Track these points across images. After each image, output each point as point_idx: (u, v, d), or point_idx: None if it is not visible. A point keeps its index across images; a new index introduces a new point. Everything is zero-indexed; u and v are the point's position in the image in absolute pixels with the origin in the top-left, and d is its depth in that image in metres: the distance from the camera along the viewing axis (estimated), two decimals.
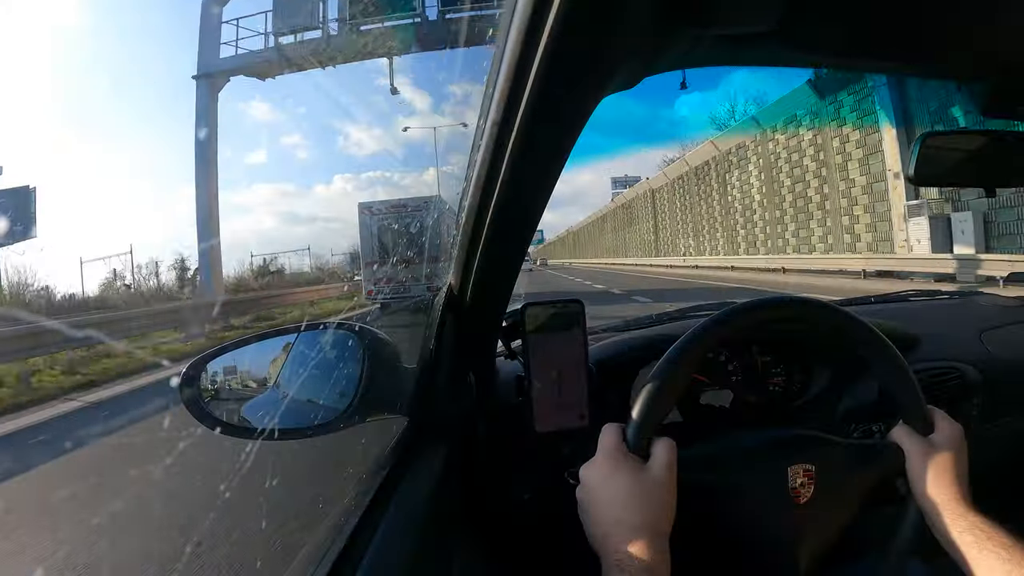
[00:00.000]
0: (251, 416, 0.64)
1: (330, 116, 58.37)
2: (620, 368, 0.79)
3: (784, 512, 0.56)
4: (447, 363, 0.67)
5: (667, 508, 0.51)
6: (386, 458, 0.63)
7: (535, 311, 0.67)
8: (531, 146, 0.45)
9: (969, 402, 0.87)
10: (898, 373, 0.59)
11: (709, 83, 52.93)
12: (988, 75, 0.56)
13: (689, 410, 0.80)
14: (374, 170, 54.21)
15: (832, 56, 0.53)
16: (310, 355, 0.68)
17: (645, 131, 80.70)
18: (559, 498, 0.63)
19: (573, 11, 0.33)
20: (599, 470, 0.53)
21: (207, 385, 0.62)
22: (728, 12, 0.39)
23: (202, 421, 0.59)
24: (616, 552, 0.48)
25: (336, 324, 0.67)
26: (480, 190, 0.51)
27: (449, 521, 0.64)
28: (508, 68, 0.38)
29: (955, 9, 0.44)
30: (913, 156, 0.75)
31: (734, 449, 0.60)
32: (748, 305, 0.60)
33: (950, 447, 0.57)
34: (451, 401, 0.69)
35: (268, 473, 0.65)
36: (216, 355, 0.63)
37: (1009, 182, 0.80)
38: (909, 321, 0.96)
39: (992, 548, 0.48)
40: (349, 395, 0.64)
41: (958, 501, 0.53)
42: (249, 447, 0.60)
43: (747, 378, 0.84)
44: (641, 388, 0.55)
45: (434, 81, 39.27)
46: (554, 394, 0.67)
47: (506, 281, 0.65)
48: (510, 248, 0.60)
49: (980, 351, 0.94)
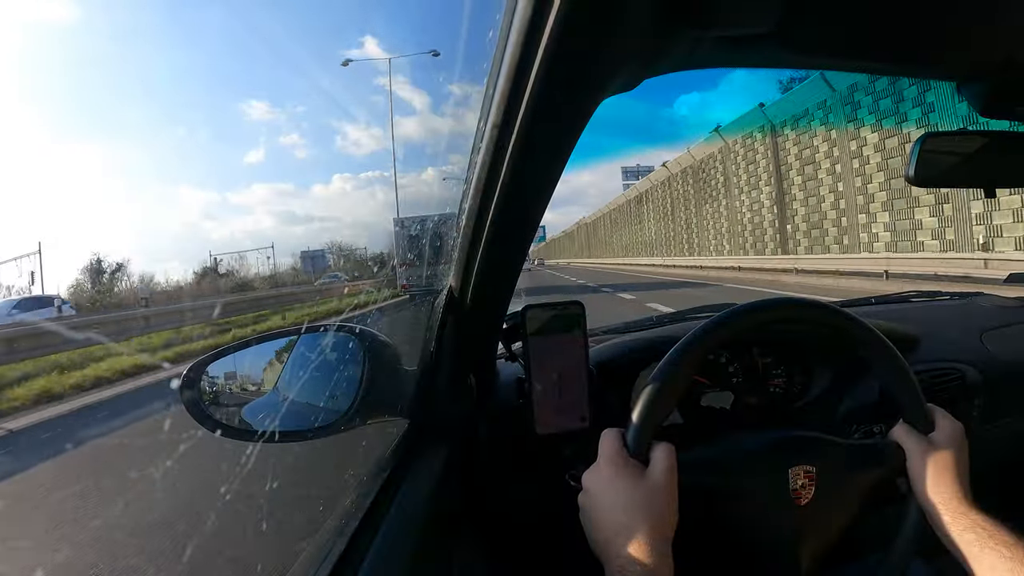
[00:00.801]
0: (252, 418, 0.64)
1: (328, 115, 58.48)
2: (620, 370, 0.79)
3: (785, 514, 0.56)
4: (448, 365, 0.67)
5: (669, 513, 0.51)
6: (387, 460, 0.63)
7: (535, 313, 0.67)
8: (531, 148, 0.45)
9: (970, 403, 0.87)
10: (898, 373, 0.59)
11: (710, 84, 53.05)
12: (987, 75, 0.56)
13: (690, 412, 0.80)
14: (372, 170, 54.30)
15: (832, 57, 0.53)
16: (311, 357, 0.68)
17: (646, 132, 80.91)
18: (559, 500, 0.63)
19: (573, 12, 0.33)
20: (600, 476, 0.53)
21: (208, 388, 0.62)
22: (728, 14, 0.39)
23: (203, 423, 0.59)
24: (619, 558, 0.48)
25: (337, 326, 0.67)
26: (480, 192, 0.51)
27: (450, 523, 0.64)
28: (508, 69, 0.38)
29: (954, 9, 0.44)
30: (913, 157, 0.75)
31: (735, 451, 0.60)
32: (748, 306, 0.60)
33: (951, 445, 0.56)
34: (452, 403, 0.69)
35: (269, 475, 0.65)
36: (217, 357, 0.63)
37: (1009, 182, 0.80)
38: (910, 322, 0.96)
39: (993, 546, 0.48)
40: (350, 397, 0.64)
41: (959, 500, 0.53)
42: (250, 449, 0.60)
43: (748, 379, 0.84)
44: (641, 390, 0.55)
45: (433, 82, 39.31)
46: (554, 396, 0.67)
47: (506, 283, 0.65)
48: (510, 250, 0.60)
49: (981, 352, 0.94)
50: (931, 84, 9.73)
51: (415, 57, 13.39)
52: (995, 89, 0.58)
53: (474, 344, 0.71)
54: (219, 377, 0.63)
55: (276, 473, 0.72)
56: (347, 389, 0.64)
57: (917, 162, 0.74)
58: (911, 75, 0.69)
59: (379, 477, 0.60)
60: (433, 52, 20.32)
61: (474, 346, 0.72)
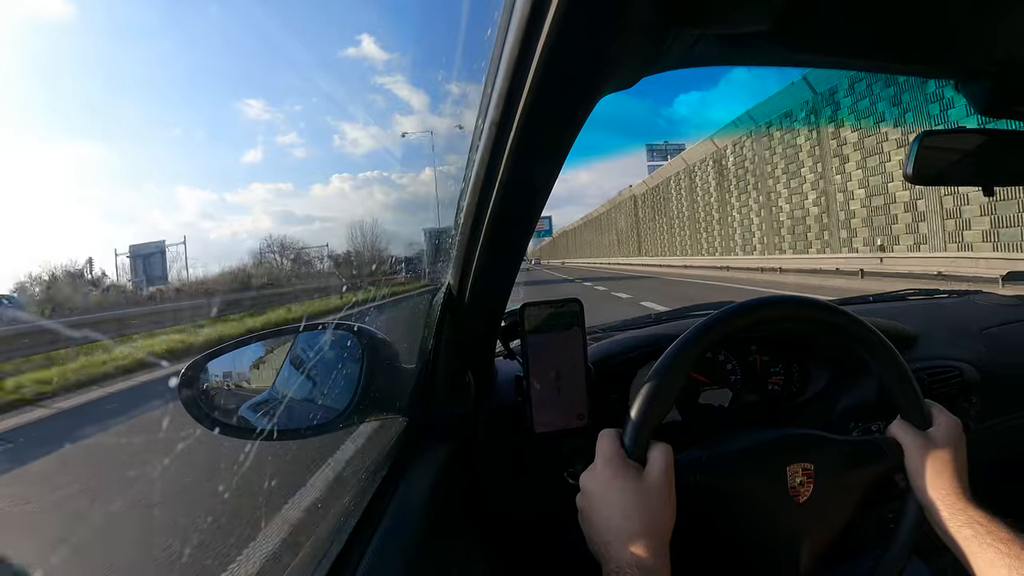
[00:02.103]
0: (250, 417, 0.63)
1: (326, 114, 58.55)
2: (619, 368, 0.79)
3: (784, 512, 0.56)
4: (446, 363, 0.67)
5: (666, 513, 0.51)
6: (385, 458, 0.63)
7: (534, 311, 0.67)
8: (529, 146, 0.45)
9: (968, 401, 0.87)
10: (896, 371, 0.59)
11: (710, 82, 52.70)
12: (986, 75, 0.56)
13: (688, 410, 0.80)
14: (371, 170, 54.34)
15: (831, 55, 0.53)
16: (309, 355, 0.68)
17: (645, 130, 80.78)
18: (558, 497, 0.63)
19: (571, 10, 0.33)
20: (598, 478, 0.53)
21: (206, 386, 0.61)
22: (726, 12, 0.39)
23: (201, 422, 0.59)
24: (617, 559, 0.48)
25: (335, 324, 0.67)
26: (478, 190, 0.50)
27: (448, 521, 0.64)
28: (507, 67, 0.38)
29: (953, 9, 0.44)
30: (911, 155, 0.75)
31: (733, 449, 0.60)
32: (746, 304, 0.60)
33: (949, 442, 0.57)
34: (450, 401, 0.69)
35: (267, 474, 0.65)
36: (215, 355, 0.63)
37: (1007, 181, 0.80)
38: (908, 320, 0.96)
39: (992, 542, 0.48)
40: (348, 395, 0.64)
41: (957, 496, 0.53)
42: (248, 448, 0.60)
43: (746, 377, 0.84)
44: (639, 388, 0.55)
45: (432, 80, 39.44)
46: (553, 394, 0.67)
47: (505, 281, 0.65)
48: (508, 248, 0.60)
49: (979, 350, 0.94)
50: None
51: (413, 55, 13.35)
52: (994, 88, 0.58)
53: (472, 342, 0.71)
54: (217, 375, 0.63)
55: (275, 471, 0.72)
56: (345, 387, 0.64)
57: (915, 160, 0.74)
58: (910, 74, 0.69)
59: (377, 475, 0.60)
60: (432, 48, 20.35)
61: (472, 344, 0.71)
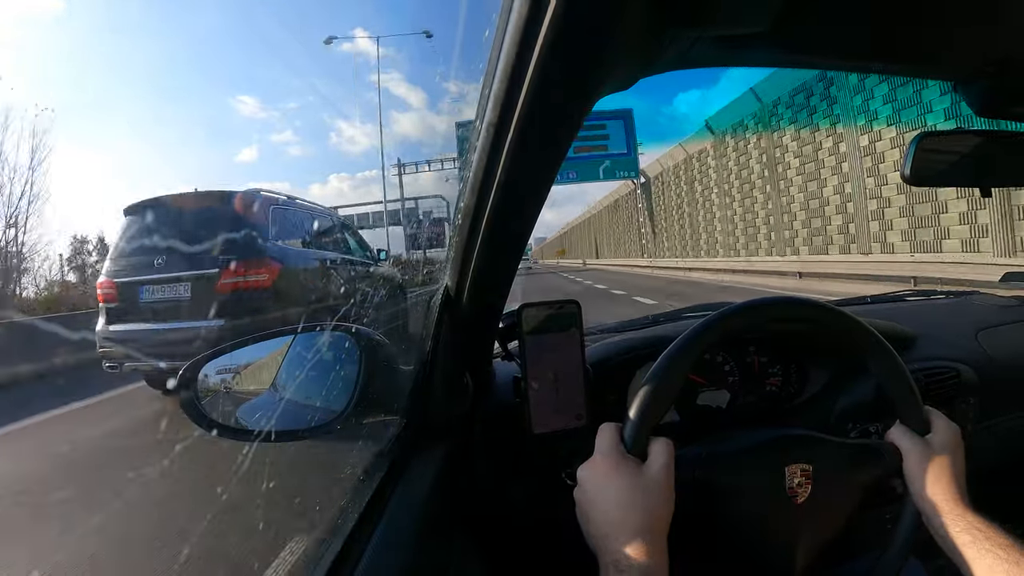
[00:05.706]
0: (248, 418, 0.63)
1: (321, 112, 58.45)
2: (617, 369, 0.79)
3: (782, 511, 0.56)
4: (444, 364, 0.67)
5: (665, 508, 0.51)
6: (383, 460, 0.63)
7: (532, 312, 0.67)
8: (527, 146, 0.45)
9: (966, 402, 0.87)
10: (895, 373, 0.59)
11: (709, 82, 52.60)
12: (984, 75, 0.56)
13: (686, 411, 0.80)
14: (369, 169, 54.38)
15: (828, 56, 0.53)
16: (307, 356, 0.68)
17: (645, 130, 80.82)
18: (556, 499, 0.62)
19: (569, 11, 0.33)
20: (596, 471, 0.53)
21: (204, 388, 0.61)
22: (725, 13, 0.39)
23: (199, 424, 0.59)
24: (614, 553, 0.48)
25: (333, 325, 0.67)
26: (476, 191, 0.50)
27: (446, 523, 0.64)
28: (504, 68, 0.38)
29: (951, 10, 0.44)
30: (909, 156, 0.75)
31: (732, 449, 0.60)
32: (744, 305, 0.60)
33: (947, 448, 0.57)
34: (448, 402, 0.69)
35: (265, 475, 0.65)
36: (213, 357, 0.62)
37: (1005, 182, 0.80)
38: (905, 321, 0.96)
39: (990, 548, 0.48)
40: (346, 396, 0.64)
41: (956, 501, 0.53)
42: (246, 449, 0.60)
43: (744, 378, 0.84)
44: (638, 389, 0.55)
45: (430, 81, 39.34)
46: (551, 395, 0.66)
47: (503, 282, 0.65)
48: (507, 248, 0.60)
49: (977, 351, 0.94)
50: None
51: (411, 52, 13.42)
52: (992, 89, 0.58)
53: (470, 343, 0.71)
54: (215, 377, 0.63)
55: (272, 473, 0.72)
56: (343, 388, 0.64)
57: (913, 161, 0.74)
58: (908, 75, 0.69)
59: (375, 477, 0.60)
60: (426, 33, 20.20)
61: (470, 345, 0.71)
